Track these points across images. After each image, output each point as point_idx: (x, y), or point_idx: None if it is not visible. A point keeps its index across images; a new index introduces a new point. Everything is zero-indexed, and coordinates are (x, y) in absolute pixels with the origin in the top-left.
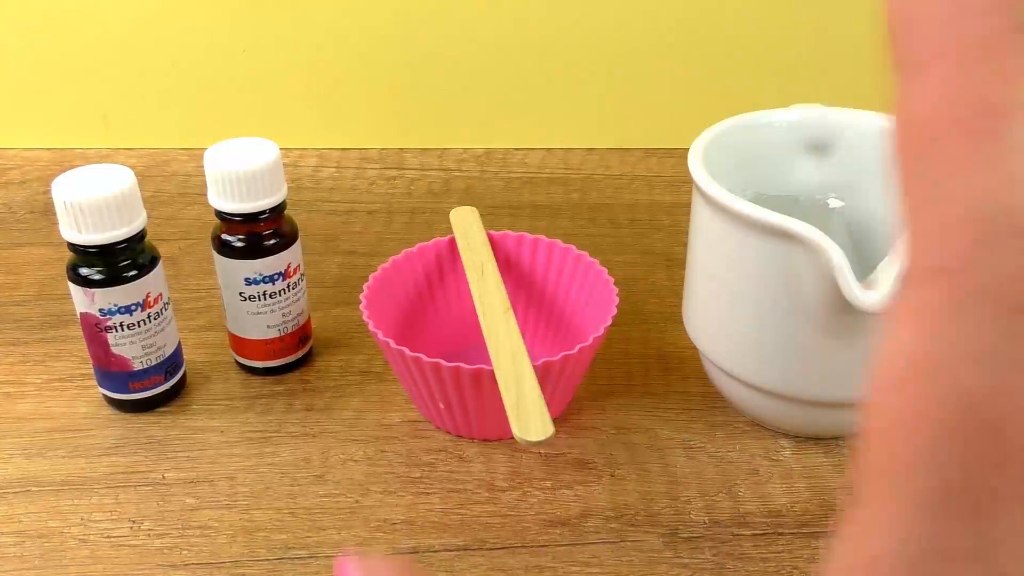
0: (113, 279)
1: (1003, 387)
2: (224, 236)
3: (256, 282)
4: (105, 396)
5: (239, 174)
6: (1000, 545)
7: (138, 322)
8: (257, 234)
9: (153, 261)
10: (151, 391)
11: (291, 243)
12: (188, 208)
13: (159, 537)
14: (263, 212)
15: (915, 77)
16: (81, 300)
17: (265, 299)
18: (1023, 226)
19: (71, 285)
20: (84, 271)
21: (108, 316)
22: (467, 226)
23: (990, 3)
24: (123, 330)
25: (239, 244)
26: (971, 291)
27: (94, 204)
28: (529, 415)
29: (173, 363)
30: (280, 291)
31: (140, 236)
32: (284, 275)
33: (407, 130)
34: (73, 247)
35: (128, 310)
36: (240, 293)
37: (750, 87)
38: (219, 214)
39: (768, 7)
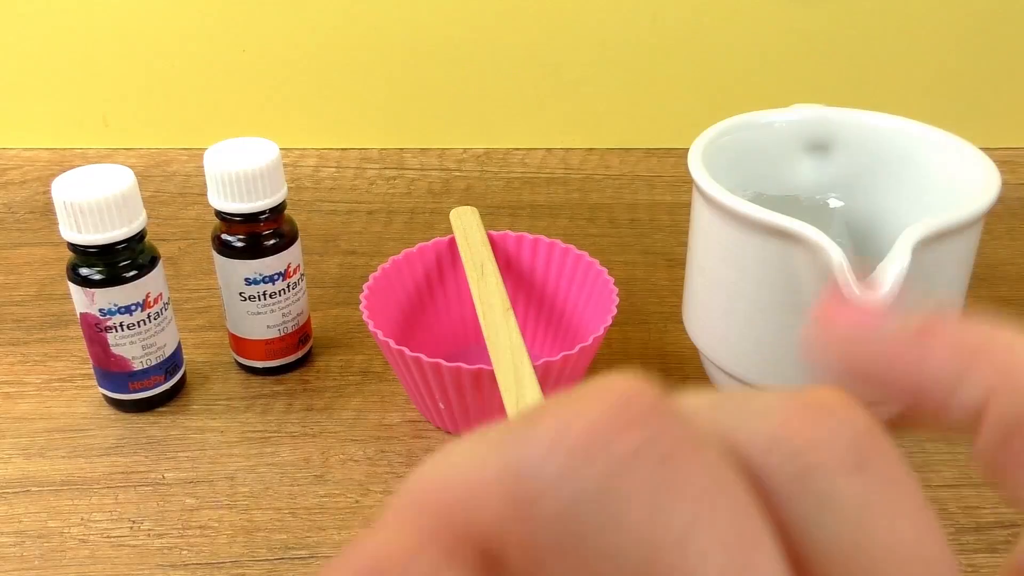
0: (113, 279)
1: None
2: (224, 236)
3: (256, 282)
4: (105, 396)
5: (239, 174)
6: None
7: (138, 322)
8: (257, 234)
9: (153, 261)
10: (151, 391)
11: (291, 243)
12: (188, 208)
13: (159, 537)
14: (263, 212)
15: None
16: (81, 300)
17: (265, 299)
18: None
19: (71, 285)
20: (84, 271)
21: (108, 316)
22: (467, 226)
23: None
24: (123, 330)
25: (239, 244)
26: None
27: (94, 204)
28: None
29: (173, 363)
30: (280, 291)
31: (140, 236)
32: (284, 275)
33: (407, 130)
34: (73, 247)
35: (128, 310)
36: (240, 293)
37: (750, 87)
38: (219, 214)
39: (768, 7)
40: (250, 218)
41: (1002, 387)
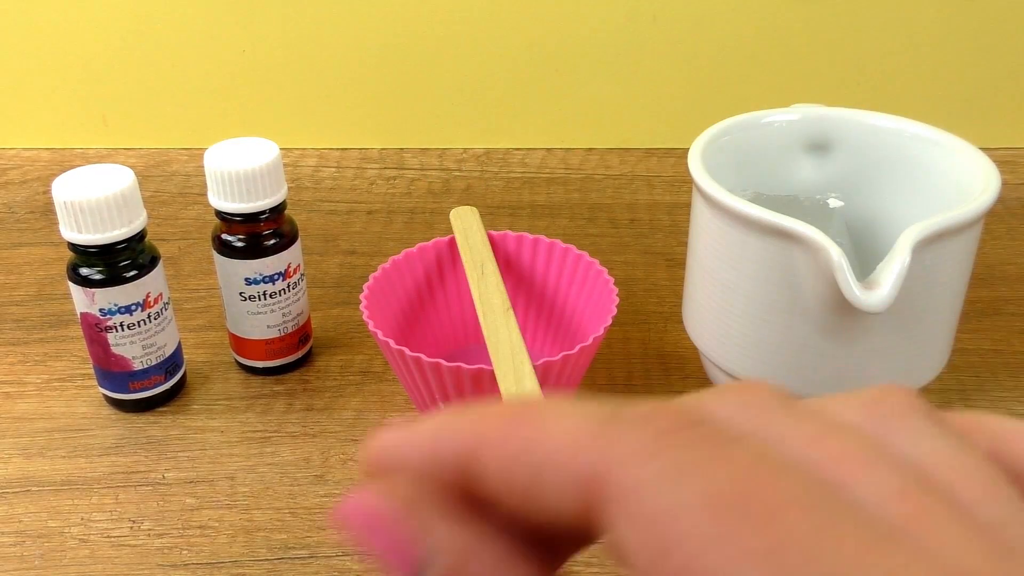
0: (113, 279)
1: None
2: (224, 236)
3: (256, 282)
4: (105, 396)
5: (239, 174)
6: None
7: (138, 322)
8: (257, 234)
9: (153, 261)
10: (151, 391)
11: (291, 243)
12: (188, 208)
13: (159, 537)
14: (263, 212)
15: None
16: (81, 300)
17: (265, 299)
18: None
19: (71, 285)
20: (84, 271)
21: (108, 316)
22: (467, 226)
23: None
24: (123, 330)
25: (239, 244)
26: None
27: (94, 204)
28: None
29: (173, 363)
30: (280, 291)
31: (140, 236)
32: (284, 275)
33: (407, 130)
34: (73, 247)
35: (128, 310)
36: (240, 293)
37: (750, 87)
38: (219, 214)
39: (768, 7)
40: (250, 218)
41: None
